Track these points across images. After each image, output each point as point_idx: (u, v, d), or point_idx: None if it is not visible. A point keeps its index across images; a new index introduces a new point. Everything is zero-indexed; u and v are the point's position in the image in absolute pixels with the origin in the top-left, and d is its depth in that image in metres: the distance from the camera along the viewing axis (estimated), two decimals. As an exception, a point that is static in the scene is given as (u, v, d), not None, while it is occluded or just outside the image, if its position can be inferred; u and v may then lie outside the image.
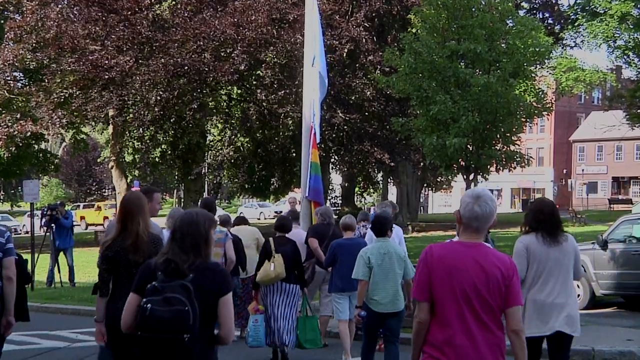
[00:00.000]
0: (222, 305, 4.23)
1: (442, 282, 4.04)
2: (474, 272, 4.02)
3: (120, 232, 5.64)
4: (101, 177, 74.42)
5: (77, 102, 28.53)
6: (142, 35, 27.40)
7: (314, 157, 12.85)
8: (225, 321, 4.25)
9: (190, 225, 4.33)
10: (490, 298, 4.01)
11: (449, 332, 4.02)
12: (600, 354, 9.61)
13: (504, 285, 4.02)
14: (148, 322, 4.07)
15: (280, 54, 27.36)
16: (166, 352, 4.11)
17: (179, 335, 4.06)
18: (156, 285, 4.14)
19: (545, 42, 14.55)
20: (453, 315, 4.02)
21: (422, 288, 4.09)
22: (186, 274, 4.17)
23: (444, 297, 4.04)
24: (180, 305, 4.07)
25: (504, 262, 4.09)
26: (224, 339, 4.28)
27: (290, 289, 9.37)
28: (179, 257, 4.22)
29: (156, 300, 4.09)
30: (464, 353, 3.97)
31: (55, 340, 11.66)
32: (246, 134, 33.36)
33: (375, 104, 28.82)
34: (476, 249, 4.09)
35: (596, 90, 59.97)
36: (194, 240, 4.28)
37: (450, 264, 4.05)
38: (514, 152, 12.82)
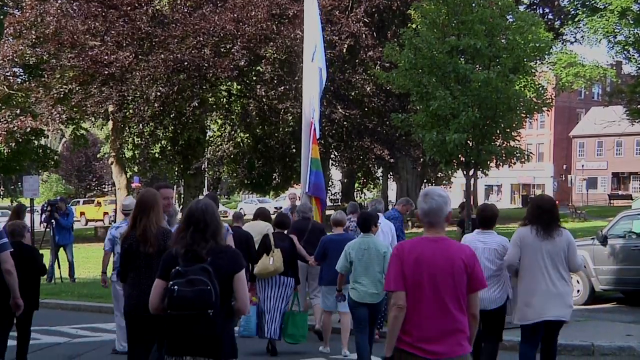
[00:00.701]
0: (237, 281, 4.82)
1: (413, 273, 4.51)
2: (440, 263, 4.51)
3: (133, 226, 6.36)
4: (101, 172, 74.36)
5: (77, 97, 28.51)
6: (142, 30, 27.38)
7: (314, 153, 12.85)
8: (240, 295, 4.84)
9: (212, 214, 4.92)
10: (456, 286, 4.50)
11: (419, 318, 4.48)
12: (600, 349, 9.62)
13: (466, 272, 4.53)
14: (176, 302, 4.63)
15: (280, 49, 27.33)
16: (194, 326, 4.65)
17: (204, 311, 4.62)
18: (179, 270, 4.69)
19: (546, 37, 14.55)
20: (423, 303, 4.48)
21: (397, 279, 4.54)
22: (205, 258, 4.74)
23: (414, 287, 4.50)
24: (202, 285, 4.62)
25: (465, 252, 4.62)
26: (242, 310, 4.89)
27: (286, 282, 9.83)
28: (199, 244, 4.78)
29: (181, 282, 4.64)
30: (431, 337, 4.45)
31: (55, 336, 11.68)
32: (246, 129, 33.33)
33: (375, 99, 28.80)
34: (440, 242, 4.58)
35: (596, 86, 59.91)
36: (213, 228, 4.87)
37: (418, 257, 4.53)
38: (514, 148, 12.83)
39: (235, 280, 4.83)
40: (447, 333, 4.48)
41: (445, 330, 4.47)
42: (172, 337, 4.77)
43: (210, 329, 4.68)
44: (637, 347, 9.70)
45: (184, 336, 4.72)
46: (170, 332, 4.77)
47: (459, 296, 4.52)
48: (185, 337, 4.71)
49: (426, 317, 4.48)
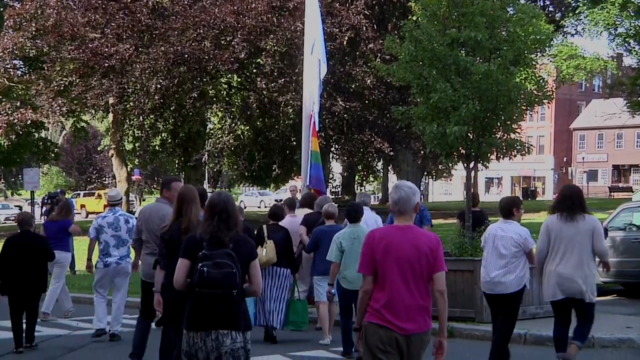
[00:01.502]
0: (253, 267, 5.54)
1: (383, 258, 5.03)
2: (408, 249, 5.04)
3: (176, 218, 6.98)
4: (101, 165, 74.33)
5: (77, 90, 28.48)
6: (142, 23, 27.34)
7: (314, 146, 12.86)
8: (255, 279, 5.56)
9: (233, 206, 5.60)
10: (421, 269, 5.04)
11: (387, 297, 5.02)
12: (600, 341, 9.64)
13: (431, 257, 5.06)
14: (206, 281, 5.25)
15: (281, 42, 27.28)
16: (219, 304, 5.29)
17: (229, 291, 5.29)
18: (206, 253, 5.32)
19: (546, 29, 14.50)
20: (391, 284, 5.03)
21: (367, 265, 5.10)
22: (227, 244, 5.39)
23: (384, 270, 5.03)
24: (229, 268, 5.28)
25: (430, 239, 5.15)
26: (256, 292, 5.67)
27: (281, 273, 10.15)
28: (222, 232, 5.42)
29: (209, 264, 5.27)
30: (397, 312, 5.00)
31: (56, 328, 11.70)
32: (246, 122, 33.30)
33: (376, 92, 28.75)
34: (408, 229, 5.13)
35: (597, 78, 59.83)
36: (235, 218, 5.54)
37: (388, 244, 5.06)
38: (514, 140, 12.79)
39: (251, 266, 5.53)
40: (414, 311, 5.03)
41: (411, 309, 5.03)
42: (198, 313, 5.34)
43: (234, 307, 5.34)
44: (637, 339, 9.72)
45: (210, 312, 5.31)
46: (197, 308, 5.35)
47: (424, 278, 5.06)
48: (211, 313, 5.31)
49: (395, 297, 5.02)
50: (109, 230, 10.30)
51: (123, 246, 10.30)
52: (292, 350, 9.60)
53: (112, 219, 10.34)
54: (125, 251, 10.34)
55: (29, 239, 9.81)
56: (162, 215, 8.10)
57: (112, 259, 10.30)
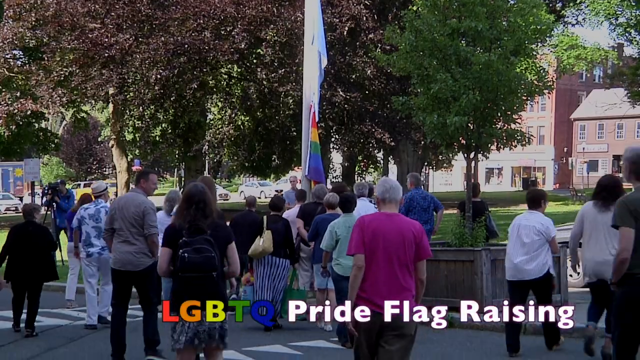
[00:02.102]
0: (230, 250, 6.15)
1: (371, 242, 5.42)
2: (394, 234, 5.44)
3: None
4: (102, 155, 74.37)
5: (77, 80, 28.44)
6: (142, 13, 27.28)
7: (313, 136, 12.84)
8: (233, 260, 6.17)
9: (205, 194, 6.05)
10: (406, 254, 5.43)
11: (374, 280, 5.40)
12: (601, 331, 9.65)
13: (415, 243, 5.46)
14: (187, 265, 5.81)
15: (281, 32, 27.22)
16: (201, 285, 5.83)
17: (209, 273, 5.85)
18: (186, 240, 5.85)
19: (547, 19, 14.43)
20: (378, 266, 5.40)
21: (359, 244, 5.47)
22: (205, 231, 5.92)
23: (371, 253, 5.41)
24: (208, 252, 5.83)
25: (415, 227, 5.57)
26: (234, 273, 6.29)
27: (279, 263, 10.31)
28: (200, 220, 5.94)
29: (189, 250, 5.80)
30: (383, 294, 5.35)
31: (57, 318, 11.73)
32: (246, 112, 33.25)
33: (376, 82, 28.70)
34: (395, 217, 5.56)
35: (597, 68, 59.73)
36: (210, 207, 6.03)
37: (376, 228, 5.46)
38: (514, 131, 12.77)
39: (229, 249, 6.14)
40: (396, 292, 5.39)
41: (394, 290, 5.39)
42: (182, 295, 5.87)
43: (214, 287, 5.92)
44: (637, 329, 9.71)
45: (194, 293, 5.81)
46: (181, 290, 5.90)
47: (407, 263, 5.45)
48: (194, 294, 5.81)
49: (380, 278, 5.41)
50: (90, 221, 10.57)
51: None
52: (293, 340, 9.63)
53: (93, 211, 10.61)
54: None
55: (33, 229, 10.37)
56: (137, 204, 8.36)
57: (94, 249, 10.61)
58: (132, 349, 8.85)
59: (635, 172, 5.71)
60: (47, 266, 10.54)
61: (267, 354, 9.08)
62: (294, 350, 9.22)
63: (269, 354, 9.11)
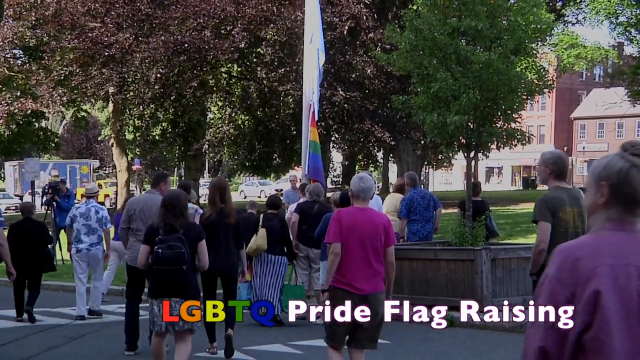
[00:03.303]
0: (200, 247, 7.17)
1: (347, 232, 6.28)
2: (367, 226, 6.31)
3: (214, 206, 8.46)
4: (102, 154, 74.32)
5: (77, 79, 28.43)
6: (142, 12, 27.27)
7: (313, 136, 12.84)
8: (202, 256, 7.19)
9: (177, 200, 7.17)
10: (377, 242, 6.30)
11: (349, 265, 6.26)
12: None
13: (384, 233, 6.34)
14: (160, 260, 6.88)
15: (281, 31, 27.21)
16: (173, 277, 6.89)
17: (180, 267, 6.89)
18: (161, 238, 6.92)
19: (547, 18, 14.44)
20: (354, 254, 6.26)
21: (336, 234, 6.32)
22: (178, 230, 6.96)
23: (348, 242, 6.27)
24: (178, 249, 6.87)
25: (384, 219, 6.61)
26: (203, 267, 7.29)
27: (275, 260, 10.51)
28: (173, 220, 6.99)
29: (163, 247, 6.87)
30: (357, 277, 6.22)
31: (58, 318, 11.74)
32: (246, 111, 33.24)
33: (376, 81, 28.69)
34: (367, 211, 6.45)
35: (598, 67, 59.71)
36: (180, 209, 7.06)
37: (352, 220, 6.32)
38: (514, 130, 12.79)
39: (199, 246, 7.15)
40: (369, 276, 6.27)
41: (368, 274, 6.27)
42: (156, 285, 7.00)
43: (184, 279, 6.94)
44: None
45: (166, 284, 6.91)
46: (156, 281, 6.99)
47: (378, 250, 6.32)
48: (166, 284, 6.92)
49: (355, 264, 6.25)
50: (80, 219, 11.29)
51: (93, 234, 11.31)
52: (293, 340, 9.63)
53: (84, 210, 11.38)
54: (95, 239, 11.34)
55: (30, 225, 11.40)
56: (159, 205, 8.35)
57: (83, 245, 11.30)
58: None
59: (556, 172, 6.32)
60: (43, 258, 11.45)
61: (267, 353, 9.08)
62: (295, 350, 9.22)
63: (269, 353, 9.11)
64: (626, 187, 2.54)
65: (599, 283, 2.44)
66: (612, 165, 2.58)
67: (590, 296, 2.44)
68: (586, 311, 2.45)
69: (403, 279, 11.18)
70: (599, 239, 2.56)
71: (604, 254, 2.49)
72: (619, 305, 2.42)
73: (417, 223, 12.43)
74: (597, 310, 2.43)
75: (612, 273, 2.45)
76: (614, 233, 2.56)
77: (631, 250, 2.51)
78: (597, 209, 2.61)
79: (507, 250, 11.45)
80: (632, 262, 2.47)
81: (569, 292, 2.50)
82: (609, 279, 2.44)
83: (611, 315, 2.41)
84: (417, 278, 11.33)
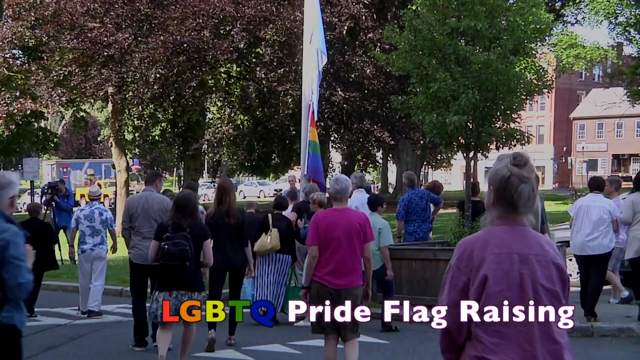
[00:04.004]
0: (205, 245, 7.84)
1: (325, 233, 6.80)
2: (344, 225, 6.82)
3: (218, 206, 8.94)
4: (101, 155, 74.31)
5: (76, 79, 28.38)
6: (141, 12, 27.24)
7: (312, 136, 12.83)
8: (207, 254, 7.84)
9: (188, 200, 7.78)
10: (354, 240, 6.81)
11: (330, 262, 6.79)
12: (599, 330, 9.67)
13: (361, 231, 6.87)
14: (166, 256, 7.56)
15: (280, 31, 27.20)
16: (177, 271, 7.56)
17: (184, 263, 7.53)
18: (168, 235, 7.59)
19: (546, 18, 14.45)
20: (332, 252, 6.77)
21: (314, 238, 6.88)
22: (185, 228, 7.60)
23: (326, 241, 6.79)
24: (183, 246, 7.51)
25: (360, 217, 7.07)
26: (207, 264, 7.94)
27: (282, 259, 10.82)
28: (181, 220, 7.64)
29: (170, 244, 7.53)
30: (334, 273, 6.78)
31: (57, 318, 11.75)
32: (245, 111, 33.23)
33: (375, 81, 28.68)
34: (344, 211, 6.99)
35: (597, 68, 59.73)
36: (190, 209, 7.70)
37: (329, 221, 6.86)
38: (514, 130, 12.80)
39: (204, 245, 7.80)
40: (348, 272, 6.81)
41: (346, 270, 6.80)
42: (163, 279, 7.63)
43: (188, 274, 7.59)
44: (637, 328, 9.74)
45: (171, 276, 7.57)
46: (162, 275, 7.64)
47: (356, 247, 6.84)
48: (171, 277, 7.57)
49: (334, 261, 6.79)
50: (84, 221, 11.73)
51: (97, 235, 11.76)
52: (292, 340, 9.63)
53: (88, 212, 11.83)
54: (99, 240, 11.79)
55: (36, 224, 11.69)
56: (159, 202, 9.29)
57: (87, 246, 11.75)
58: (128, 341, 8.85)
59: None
60: (46, 257, 11.64)
61: (266, 353, 9.09)
62: (294, 350, 9.22)
63: (268, 353, 9.12)
64: (507, 191, 3.16)
65: (487, 269, 3.10)
66: (497, 174, 3.22)
67: (480, 279, 3.10)
68: (477, 292, 3.11)
69: (402, 278, 11.19)
70: (489, 233, 3.19)
71: (492, 245, 3.13)
72: (504, 285, 3.08)
73: (414, 223, 12.43)
74: (484, 290, 3.09)
75: (497, 260, 3.10)
76: (500, 228, 3.18)
77: (514, 240, 3.14)
78: (489, 207, 3.25)
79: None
80: (514, 250, 3.12)
81: (466, 278, 3.14)
82: (494, 265, 3.10)
83: (493, 294, 3.08)
84: (415, 278, 11.34)
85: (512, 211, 3.18)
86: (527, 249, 3.14)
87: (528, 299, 3.08)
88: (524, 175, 3.18)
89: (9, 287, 4.52)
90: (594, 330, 9.62)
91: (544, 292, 3.11)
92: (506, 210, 3.18)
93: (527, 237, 3.18)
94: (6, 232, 4.61)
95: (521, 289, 3.08)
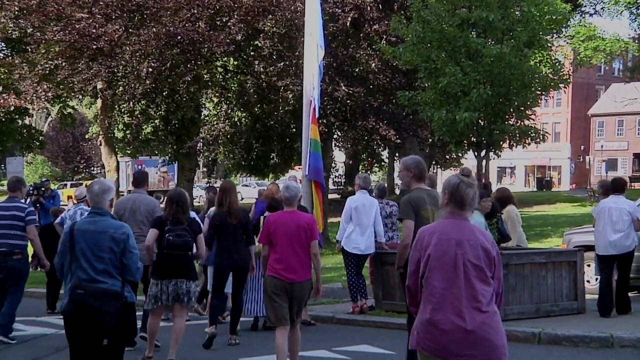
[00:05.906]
0: (199, 238, 8.98)
1: (277, 232, 8.00)
2: (293, 225, 8.02)
3: (219, 207, 9.90)
4: (89, 154, 74.42)
5: (63, 74, 28.39)
6: (132, 2, 27.27)
7: (313, 134, 12.82)
8: (200, 246, 9.00)
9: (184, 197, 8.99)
10: (301, 238, 7.99)
11: (279, 258, 7.97)
12: (619, 340, 9.66)
13: (309, 229, 8.05)
14: (171, 245, 8.67)
15: (280, 23, 27.21)
16: (179, 261, 8.73)
17: (186, 253, 8.76)
18: (170, 228, 8.72)
19: (563, 9, 14.45)
20: (282, 249, 7.96)
21: (265, 237, 8.09)
22: (183, 222, 8.82)
23: (278, 241, 7.98)
24: (185, 237, 8.71)
25: (308, 219, 8.35)
26: (201, 256, 9.25)
27: None
28: (180, 215, 8.81)
29: (173, 235, 8.67)
30: (286, 268, 7.93)
31: (42, 327, 11.73)
32: (243, 108, 33.22)
33: (381, 76, 28.67)
34: (294, 213, 8.19)
35: (617, 61, 59.76)
36: (185, 205, 8.91)
37: (280, 222, 8.07)
38: (528, 127, 12.80)
39: (198, 238, 8.94)
40: (298, 267, 7.97)
41: (297, 266, 7.96)
42: (165, 267, 8.73)
43: (188, 263, 8.86)
44: (658, 338, 9.71)
45: (174, 265, 8.70)
46: (163, 264, 8.74)
47: (304, 245, 8.01)
48: (174, 266, 8.71)
49: (284, 258, 7.94)
50: (68, 222, 11.65)
51: None
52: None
53: (72, 212, 12.28)
54: None
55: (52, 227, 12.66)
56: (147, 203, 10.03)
57: None
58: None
59: (417, 176, 7.73)
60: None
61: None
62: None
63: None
64: (456, 194, 4.79)
65: (431, 250, 4.73)
66: (450, 181, 4.86)
67: (426, 257, 4.74)
68: (424, 265, 4.74)
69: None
70: (439, 224, 4.86)
71: (437, 232, 4.77)
72: (441, 263, 4.69)
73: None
74: (428, 265, 4.73)
75: (439, 243, 4.73)
76: (448, 220, 4.81)
77: (454, 230, 4.75)
78: (443, 205, 4.87)
79: (521, 255, 11.42)
80: (452, 236, 4.72)
81: (420, 255, 4.79)
82: (436, 247, 4.72)
83: (434, 267, 4.70)
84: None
85: (458, 208, 4.79)
86: (463, 236, 4.71)
87: (459, 271, 4.64)
88: (470, 182, 4.81)
89: (130, 271, 6.14)
90: (614, 340, 9.61)
91: (472, 266, 4.65)
92: (455, 207, 4.81)
93: (465, 227, 4.77)
94: (124, 227, 6.22)
95: (454, 264, 4.65)
